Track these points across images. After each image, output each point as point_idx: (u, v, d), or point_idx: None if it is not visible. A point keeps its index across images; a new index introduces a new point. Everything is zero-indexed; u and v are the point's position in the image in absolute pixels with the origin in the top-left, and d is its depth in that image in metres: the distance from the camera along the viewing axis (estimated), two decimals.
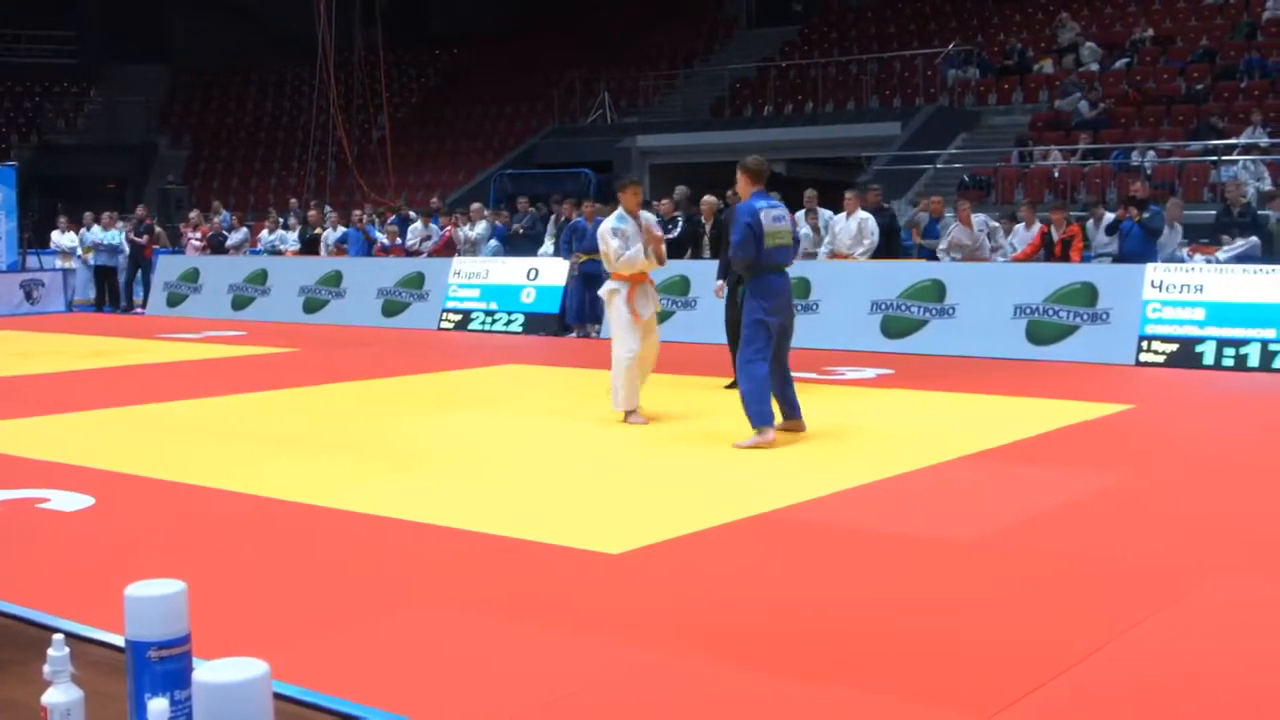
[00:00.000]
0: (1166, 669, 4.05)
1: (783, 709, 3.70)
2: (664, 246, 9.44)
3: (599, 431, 8.77)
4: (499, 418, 9.47)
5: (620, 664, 4.09)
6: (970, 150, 23.38)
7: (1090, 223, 14.82)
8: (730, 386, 8.84)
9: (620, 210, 9.21)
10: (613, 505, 6.51)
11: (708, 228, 14.82)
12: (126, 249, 21.61)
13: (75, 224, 23.09)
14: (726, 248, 9.63)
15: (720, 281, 10.65)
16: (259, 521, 6.15)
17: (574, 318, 16.22)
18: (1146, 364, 12.44)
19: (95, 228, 21.76)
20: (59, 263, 22.61)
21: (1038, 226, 14.89)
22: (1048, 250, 14.50)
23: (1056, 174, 20.82)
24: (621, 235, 9.08)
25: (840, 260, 15.28)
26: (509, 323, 16.96)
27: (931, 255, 15.86)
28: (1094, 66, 23.76)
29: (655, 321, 9.30)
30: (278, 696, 1.71)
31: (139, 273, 21.75)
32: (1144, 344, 12.57)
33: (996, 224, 15.98)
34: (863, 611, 4.68)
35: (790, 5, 33.37)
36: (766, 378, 8.19)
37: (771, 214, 8.27)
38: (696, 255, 15.71)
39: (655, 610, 4.72)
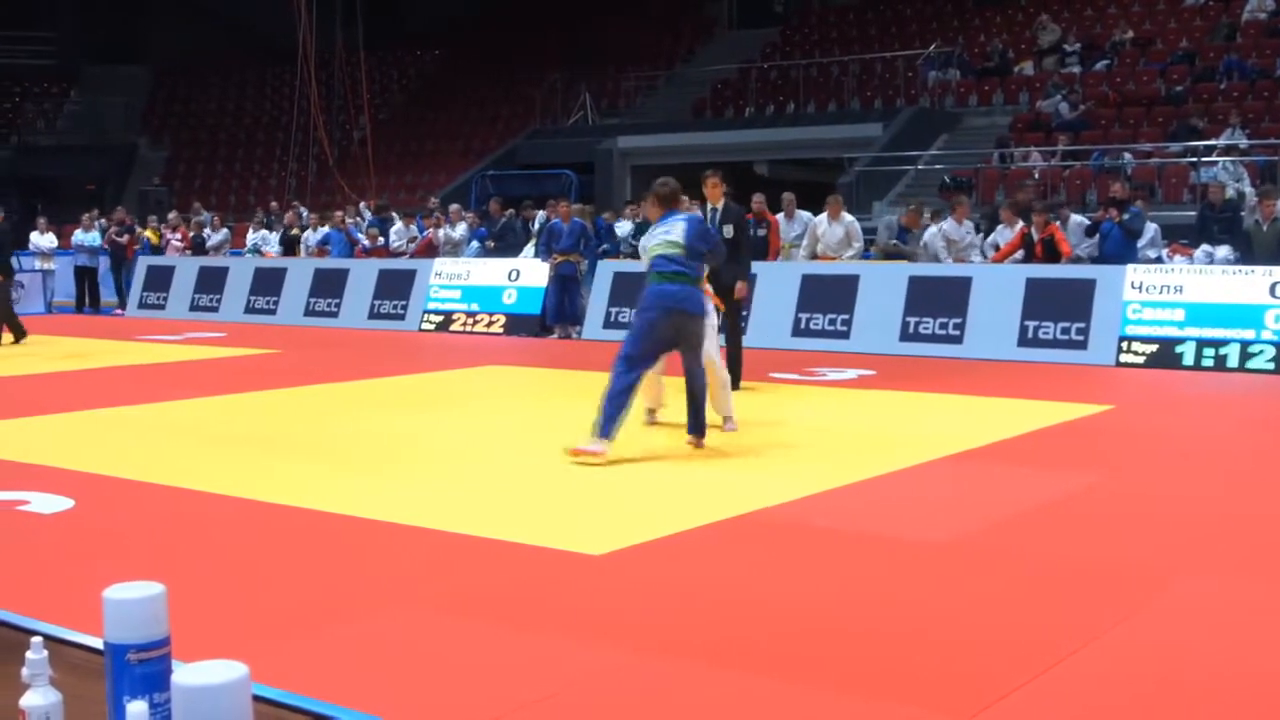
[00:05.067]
0: (1145, 670, 4.06)
1: (762, 709, 3.70)
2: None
3: (581, 433, 8.74)
4: (480, 419, 9.46)
5: (601, 665, 4.09)
6: (951, 151, 23.45)
7: (1057, 224, 14.83)
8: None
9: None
10: (595, 506, 6.51)
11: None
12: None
13: (54, 225, 22.98)
14: (736, 248, 9.65)
15: (740, 283, 10.26)
16: (238, 523, 6.13)
17: (554, 318, 16.23)
18: (1127, 365, 12.50)
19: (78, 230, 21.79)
20: (38, 264, 22.51)
21: (1019, 226, 14.94)
22: (1027, 250, 14.54)
23: (1037, 175, 20.89)
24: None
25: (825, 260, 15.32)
26: (490, 324, 16.94)
27: (901, 257, 15.89)
28: (1075, 69, 23.85)
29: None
30: (257, 699, 1.71)
31: (120, 273, 21.71)
32: (1124, 345, 12.62)
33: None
34: (842, 613, 4.69)
35: (771, 7, 33.43)
36: (633, 390, 7.89)
37: (658, 232, 8.04)
38: None
39: (637, 611, 4.72)
